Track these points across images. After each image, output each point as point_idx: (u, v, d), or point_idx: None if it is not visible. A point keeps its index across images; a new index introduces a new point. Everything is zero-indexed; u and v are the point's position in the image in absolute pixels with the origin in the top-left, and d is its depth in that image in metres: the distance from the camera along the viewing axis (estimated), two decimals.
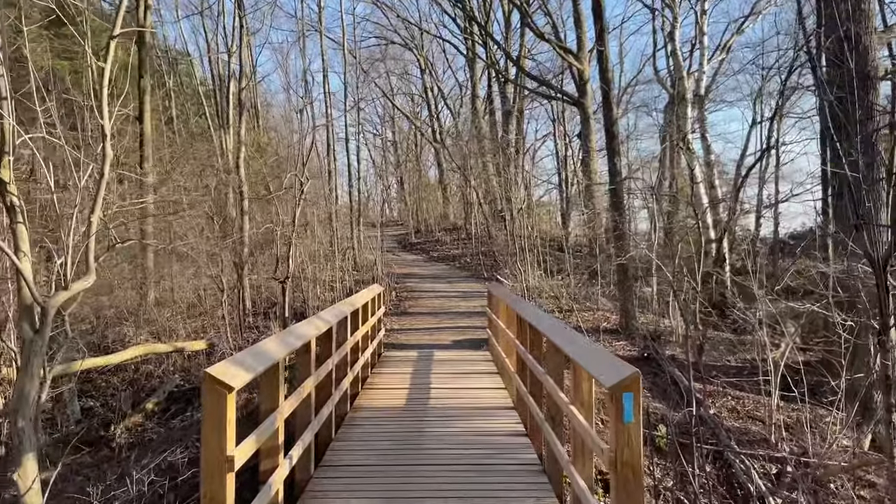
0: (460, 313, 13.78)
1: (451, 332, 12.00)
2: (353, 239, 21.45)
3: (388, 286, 16.32)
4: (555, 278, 16.61)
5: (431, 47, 35.32)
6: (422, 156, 39.67)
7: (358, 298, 7.17)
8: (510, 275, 15.38)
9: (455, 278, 18.63)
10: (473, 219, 24.50)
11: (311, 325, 4.67)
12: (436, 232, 28.46)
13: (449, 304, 14.76)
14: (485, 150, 25.41)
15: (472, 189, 23.79)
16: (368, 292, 8.17)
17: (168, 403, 10.81)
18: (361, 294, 7.72)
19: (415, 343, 11.11)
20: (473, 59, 29.62)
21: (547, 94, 21.61)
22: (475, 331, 11.96)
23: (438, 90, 34.73)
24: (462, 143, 25.47)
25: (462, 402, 6.66)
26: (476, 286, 17.00)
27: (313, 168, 25.00)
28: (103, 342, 12.27)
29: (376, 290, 8.91)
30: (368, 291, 8.22)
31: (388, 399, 6.89)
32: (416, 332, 12.09)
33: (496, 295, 8.90)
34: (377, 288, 9.29)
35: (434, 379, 7.78)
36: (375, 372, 8.29)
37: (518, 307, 6.46)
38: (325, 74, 21.90)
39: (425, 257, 23.60)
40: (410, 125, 38.02)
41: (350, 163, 22.26)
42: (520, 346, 6.05)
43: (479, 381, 7.73)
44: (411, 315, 13.90)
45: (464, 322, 12.94)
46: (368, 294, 8.05)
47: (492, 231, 21.87)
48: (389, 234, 31.58)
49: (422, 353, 9.74)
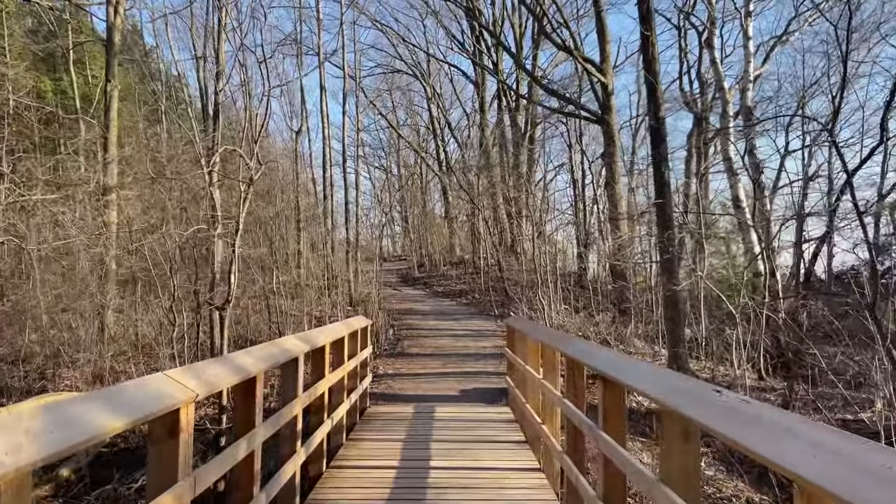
0: (468, 355, 11.39)
1: (458, 378, 9.59)
2: (348, 271, 19.24)
3: (384, 323, 13.98)
4: (578, 315, 14.24)
5: (439, 77, 33.86)
6: (427, 188, 37.84)
7: (320, 333, 4.82)
8: (528, 310, 13.03)
9: (462, 315, 16.26)
10: (482, 251, 22.30)
11: (192, 376, 2.36)
12: (441, 266, 26.24)
13: (455, 345, 12.38)
14: (494, 178, 23.43)
15: (480, 218, 21.64)
16: (343, 326, 5.82)
17: (92, 470, 8.39)
18: (331, 329, 5.40)
19: (411, 394, 8.70)
20: (483, 84, 27.97)
21: (565, 111, 19.59)
22: (488, 378, 9.56)
23: (446, 121, 33.03)
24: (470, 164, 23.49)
25: (477, 497, 4.26)
26: (486, 324, 14.64)
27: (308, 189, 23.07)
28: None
29: (357, 324, 6.57)
30: (343, 326, 5.87)
31: (366, 487, 4.49)
32: (415, 379, 9.68)
33: (520, 330, 6.55)
34: (360, 321, 6.96)
35: (435, 451, 5.37)
36: (353, 438, 5.89)
37: (563, 345, 4.14)
38: (322, 87, 20.03)
39: (429, 292, 21.27)
40: (416, 158, 36.27)
41: (347, 185, 20.20)
42: (571, 406, 3.72)
43: (499, 455, 5.32)
44: (410, 357, 11.51)
45: (473, 366, 10.54)
46: (342, 329, 5.70)
47: (502, 263, 19.58)
48: (391, 268, 29.41)
49: (420, 408, 7.33)
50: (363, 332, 7.15)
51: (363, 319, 7.35)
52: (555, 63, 29.20)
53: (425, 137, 37.15)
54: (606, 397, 3.01)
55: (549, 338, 4.77)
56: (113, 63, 14.14)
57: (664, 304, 9.77)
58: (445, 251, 28.40)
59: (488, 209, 22.04)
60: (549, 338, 4.81)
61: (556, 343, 4.45)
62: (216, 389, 2.41)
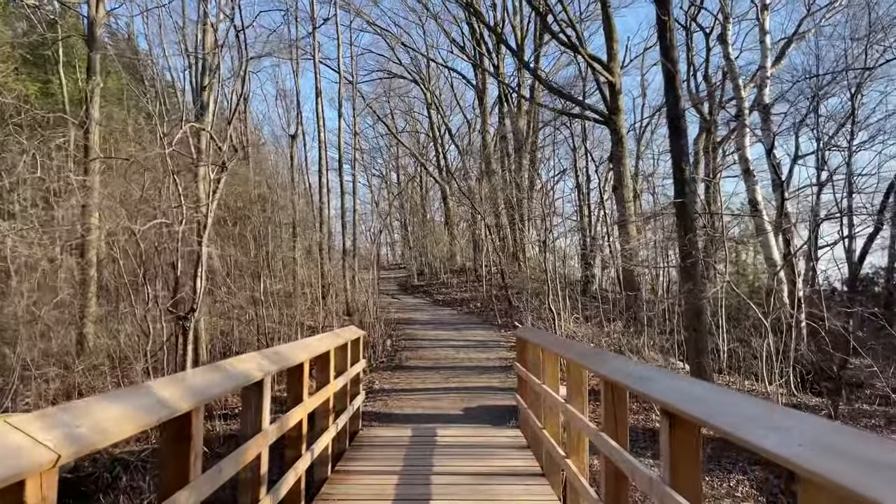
0: (472, 368, 10.55)
1: (461, 395, 8.73)
2: (345, 279, 18.40)
3: (381, 333, 13.13)
4: (587, 324, 13.40)
5: (438, 83, 33.13)
6: (427, 196, 37.02)
7: (297, 349, 3.97)
8: (536, 320, 12.18)
9: (463, 325, 15.40)
10: (484, 259, 21.45)
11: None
12: (441, 274, 25.37)
13: (457, 357, 11.53)
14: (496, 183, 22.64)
15: (483, 225, 20.82)
16: (329, 339, 4.98)
17: None
18: (312, 342, 4.56)
19: (410, 412, 7.84)
20: (484, 88, 27.23)
21: (571, 112, 18.81)
22: (494, 394, 8.70)
23: (446, 128, 32.24)
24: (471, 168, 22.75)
25: None
26: (490, 334, 13.79)
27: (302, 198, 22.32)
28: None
29: (348, 336, 5.73)
30: (330, 338, 5.03)
31: None
32: (413, 396, 8.82)
33: (533, 342, 5.72)
34: (351, 332, 6.12)
35: (437, 487, 4.52)
36: (341, 470, 5.04)
37: (596, 363, 3.32)
38: (317, 92, 19.26)
39: (429, 301, 20.41)
40: (415, 165, 35.47)
41: (343, 190, 19.39)
42: (610, 442, 2.88)
43: (513, 491, 4.46)
44: (408, 371, 10.66)
45: (477, 380, 9.69)
46: (329, 342, 4.86)
47: (505, 271, 18.73)
48: (390, 276, 28.57)
49: (419, 431, 6.48)
50: (355, 344, 6.31)
51: (355, 330, 6.51)
52: (557, 69, 28.53)
53: (425, 145, 36.42)
54: (675, 439, 2.17)
55: (575, 353, 3.94)
56: (95, 59, 13.38)
57: (686, 313, 8.92)
58: (446, 259, 27.55)
59: (490, 215, 21.20)
60: (574, 353, 3.97)
61: (586, 361, 3.61)
62: (99, 445, 1.58)
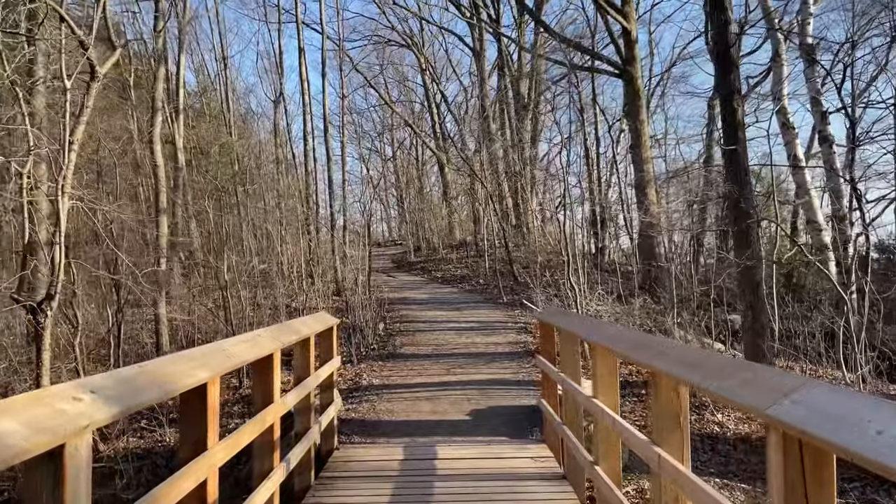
0: (478, 356, 8.94)
1: (466, 392, 7.12)
2: (334, 255, 16.78)
3: (372, 316, 11.51)
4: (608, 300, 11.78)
5: (433, 48, 31.12)
6: (424, 170, 35.23)
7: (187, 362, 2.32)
8: (551, 297, 10.57)
9: (465, 304, 13.77)
10: (485, 232, 19.77)
11: None
12: (439, 249, 23.72)
13: (459, 342, 9.92)
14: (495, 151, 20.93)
15: (483, 194, 19.11)
16: (273, 334, 3.34)
17: None
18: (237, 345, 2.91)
19: (403, 419, 6.22)
20: (482, 51, 25.30)
21: (581, 65, 16.95)
22: (507, 391, 7.10)
23: (442, 96, 30.27)
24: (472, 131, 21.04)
25: None
26: (495, 314, 12.18)
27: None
28: None
29: (310, 328, 4.08)
30: (273, 333, 3.39)
31: None
32: (408, 394, 7.21)
33: (568, 330, 4.10)
34: (318, 321, 4.48)
35: None
36: None
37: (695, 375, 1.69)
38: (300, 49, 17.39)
39: (426, 278, 18.77)
40: (410, 136, 33.62)
41: (330, 157, 17.62)
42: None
43: None
44: (403, 360, 9.06)
45: (484, 371, 8.10)
46: (268, 343, 3.22)
47: (509, 244, 17.06)
48: (386, 253, 26.94)
49: (414, 451, 4.87)
50: (325, 337, 4.68)
51: (326, 318, 4.86)
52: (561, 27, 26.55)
53: (420, 115, 34.52)
54: None
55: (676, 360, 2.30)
56: None
57: (740, 280, 7.29)
58: (444, 233, 25.89)
59: (491, 184, 19.47)
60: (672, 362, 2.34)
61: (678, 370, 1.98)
62: None
